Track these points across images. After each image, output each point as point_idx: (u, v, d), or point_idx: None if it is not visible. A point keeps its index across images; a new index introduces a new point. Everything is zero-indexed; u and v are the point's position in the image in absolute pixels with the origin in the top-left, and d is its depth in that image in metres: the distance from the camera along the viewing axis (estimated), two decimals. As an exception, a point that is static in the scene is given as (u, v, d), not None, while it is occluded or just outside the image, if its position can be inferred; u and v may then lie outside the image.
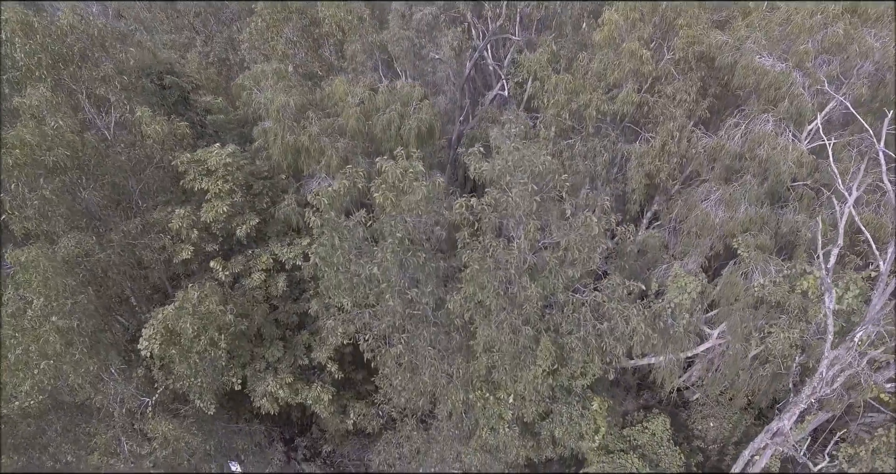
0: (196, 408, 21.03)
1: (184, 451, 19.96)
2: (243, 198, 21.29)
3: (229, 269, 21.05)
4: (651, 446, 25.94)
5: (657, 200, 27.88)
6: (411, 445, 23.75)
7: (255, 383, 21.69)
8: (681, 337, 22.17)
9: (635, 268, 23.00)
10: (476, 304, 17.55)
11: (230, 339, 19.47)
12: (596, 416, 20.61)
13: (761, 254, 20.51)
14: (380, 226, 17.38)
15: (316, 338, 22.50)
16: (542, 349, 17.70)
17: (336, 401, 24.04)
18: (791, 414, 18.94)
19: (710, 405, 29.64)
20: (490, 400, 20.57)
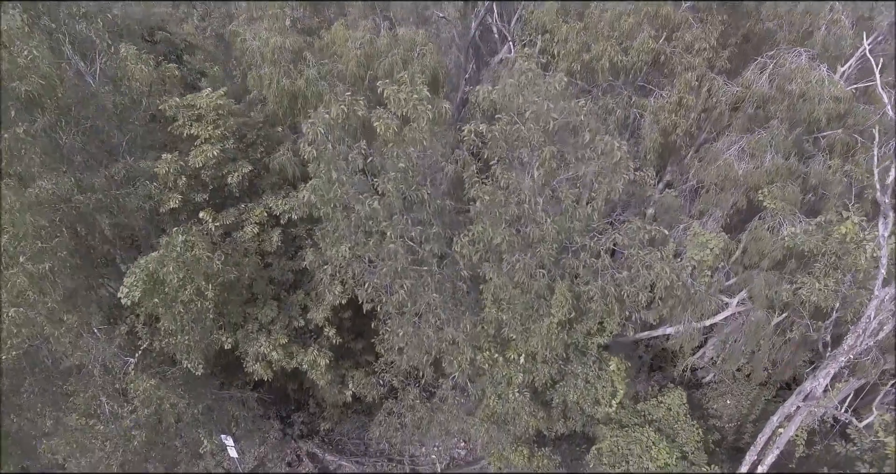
0: (184, 371, 19.22)
1: (169, 414, 18.08)
2: (236, 146, 19.55)
3: (220, 221, 19.26)
4: (667, 420, 24.04)
5: (669, 170, 26.13)
6: (414, 415, 21.85)
7: (246, 345, 19.83)
8: (702, 298, 20.31)
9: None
10: (485, 246, 15.73)
11: (219, 290, 17.65)
12: (613, 377, 18.74)
13: (789, 206, 18.73)
14: (381, 160, 15.61)
15: (312, 296, 20.67)
16: (558, 296, 15.88)
17: (334, 369, 22.20)
18: (827, 372, 17.06)
19: (727, 382, 27.75)
20: (499, 361, 18.72)
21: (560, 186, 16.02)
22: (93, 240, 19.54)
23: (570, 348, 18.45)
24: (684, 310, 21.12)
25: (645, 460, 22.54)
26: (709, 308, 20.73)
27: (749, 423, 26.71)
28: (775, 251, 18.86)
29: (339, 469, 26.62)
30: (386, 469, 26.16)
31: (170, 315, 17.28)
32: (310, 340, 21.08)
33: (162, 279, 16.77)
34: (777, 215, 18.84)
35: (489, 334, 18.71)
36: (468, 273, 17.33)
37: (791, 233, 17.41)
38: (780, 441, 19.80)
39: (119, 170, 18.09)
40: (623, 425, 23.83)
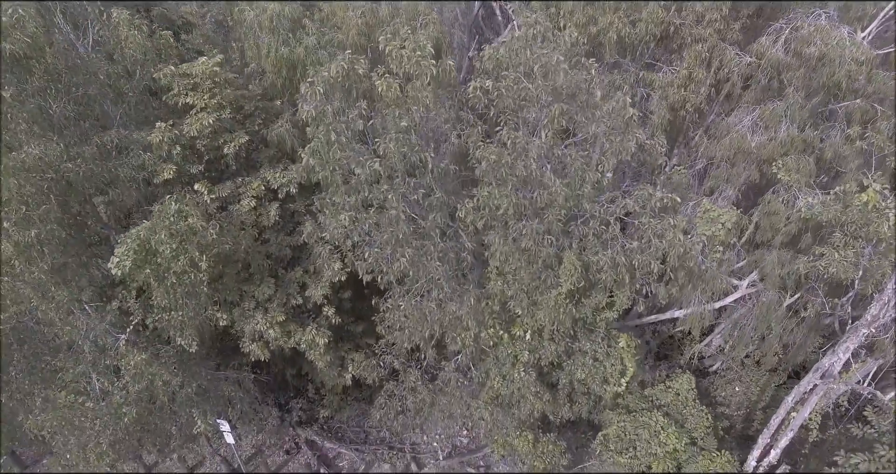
0: (178, 349, 18.40)
1: (161, 392, 17.24)
2: (232, 117, 18.78)
3: (216, 193, 18.46)
4: (675, 405, 23.17)
5: (677, 152, 25.34)
6: (415, 398, 21.00)
7: (242, 322, 19.00)
8: (713, 275, 19.49)
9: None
10: (490, 213, 14.92)
11: (213, 262, 16.85)
12: (623, 354, 17.91)
13: (805, 178, 17.93)
14: (382, 121, 14.81)
15: (311, 273, 19.86)
16: (566, 265, 15.06)
17: (333, 351, 21.36)
18: (846, 346, 16.21)
19: (735, 369, 26.88)
20: (504, 338, 17.89)
21: (569, 150, 15.19)
22: (85, 216, 18.74)
23: (578, 324, 17.64)
24: (694, 288, 20.32)
25: (653, 445, 21.69)
26: (720, 286, 19.90)
27: (759, 410, 25.84)
28: (790, 225, 18.06)
29: (339, 457, 25.76)
30: (387, 457, 25.30)
31: (162, 288, 16.46)
32: (308, 320, 20.25)
33: (154, 249, 15.97)
34: (792, 188, 18.04)
35: (494, 310, 17.90)
36: (472, 245, 16.53)
37: (807, 203, 16.59)
38: (795, 423, 18.97)
39: (111, 139, 17.26)
40: (630, 410, 22.99)
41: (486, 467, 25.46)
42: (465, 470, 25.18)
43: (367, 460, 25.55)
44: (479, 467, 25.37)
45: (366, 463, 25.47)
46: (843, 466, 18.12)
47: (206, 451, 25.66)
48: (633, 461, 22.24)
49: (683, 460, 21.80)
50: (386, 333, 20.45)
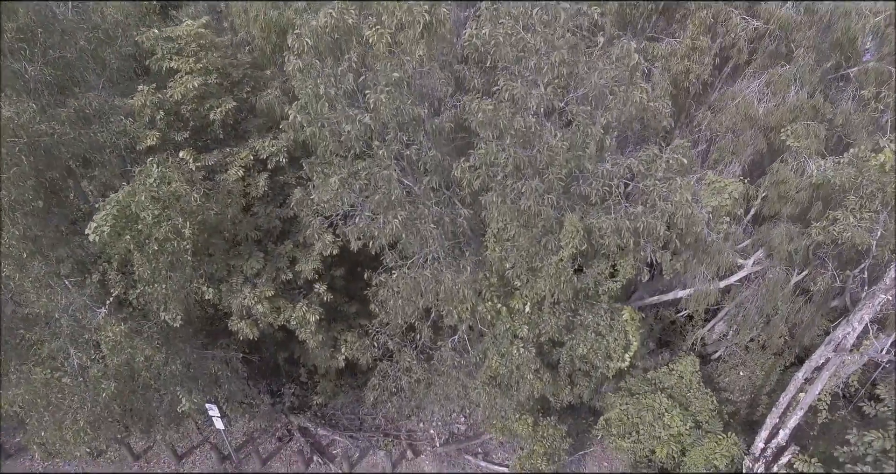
0: (161, 325, 17.40)
1: (143, 368, 16.22)
2: (219, 82, 17.84)
3: (202, 162, 17.49)
4: (679, 388, 22.20)
5: (678, 133, 24.43)
6: (410, 378, 20.00)
7: (230, 298, 18.01)
8: (720, 248, 18.56)
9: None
10: (488, 170, 13.95)
11: (198, 230, 15.87)
12: (627, 328, 16.93)
13: (815, 144, 17.02)
14: (374, 76, 13.85)
15: (301, 247, 18.90)
16: (567, 227, 14.10)
17: (325, 330, 20.37)
18: (861, 316, 15.26)
19: (740, 355, 25.86)
20: (502, 312, 16.91)
21: (570, 106, 14.25)
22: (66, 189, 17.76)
23: (580, 296, 16.66)
24: (700, 263, 19.39)
25: (657, 428, 20.72)
26: (726, 260, 18.95)
27: (764, 395, 24.86)
28: (800, 193, 17.12)
29: (333, 444, 24.71)
30: (382, 444, 24.26)
31: (144, 257, 15.48)
32: (299, 296, 19.26)
33: (135, 214, 15.00)
34: (801, 155, 17.13)
35: (491, 283, 16.92)
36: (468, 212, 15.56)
37: (819, 166, 15.66)
38: (805, 401, 18.00)
39: (89, 102, 16.26)
40: (633, 393, 22.05)
41: (485, 454, 24.43)
42: (463, 457, 24.15)
43: (361, 447, 24.52)
44: (477, 454, 24.34)
45: (360, 450, 24.44)
46: (857, 444, 17.17)
47: (197, 440, 24.64)
48: (636, 445, 21.27)
49: (688, 443, 20.81)
50: (379, 310, 19.47)
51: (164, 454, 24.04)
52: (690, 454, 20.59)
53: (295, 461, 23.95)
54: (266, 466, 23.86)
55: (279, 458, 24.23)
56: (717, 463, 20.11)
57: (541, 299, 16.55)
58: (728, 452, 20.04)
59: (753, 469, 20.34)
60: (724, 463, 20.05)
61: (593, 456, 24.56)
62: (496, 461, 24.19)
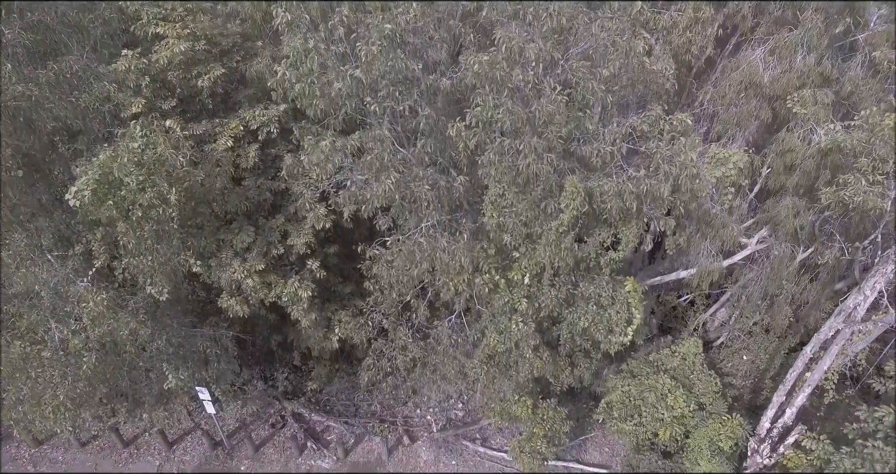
0: (148, 301, 16.65)
1: (128, 342, 15.42)
2: (207, 50, 17.11)
3: (190, 131, 16.74)
4: (682, 370, 21.46)
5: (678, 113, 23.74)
6: (405, 357, 19.21)
7: (219, 272, 17.25)
8: (724, 221, 17.85)
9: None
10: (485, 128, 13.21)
11: (185, 198, 15.12)
12: (630, 300, 16.17)
13: (823, 111, 16.31)
14: (365, 30, 13.12)
15: (293, 221, 18.16)
16: (568, 189, 13.36)
17: (318, 310, 19.61)
18: (874, 283, 14.50)
19: (742, 339, 25.08)
20: (501, 284, 16.15)
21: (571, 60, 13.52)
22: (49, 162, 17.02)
23: (581, 266, 15.91)
24: (703, 237, 18.68)
25: (660, 409, 19.98)
26: (730, 235, 18.23)
27: (768, 379, 24.10)
28: (806, 161, 16.41)
29: (327, 431, 23.89)
30: (378, 430, 23.45)
31: (128, 225, 14.72)
32: (291, 273, 18.50)
33: (118, 180, 14.24)
34: (808, 122, 16.43)
35: (489, 254, 16.17)
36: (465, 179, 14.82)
37: (828, 130, 14.95)
38: (813, 377, 17.25)
39: (69, 66, 15.47)
40: (635, 375, 21.33)
41: (483, 439, 23.63)
42: (461, 443, 23.34)
43: (356, 433, 23.71)
44: (475, 439, 23.54)
45: (355, 436, 23.64)
46: (866, 421, 16.43)
47: (188, 426, 23.83)
48: (639, 428, 20.55)
49: (691, 426, 20.06)
50: (373, 287, 18.75)
51: (154, 441, 23.22)
52: (694, 436, 19.85)
53: (288, 447, 23.14)
54: (259, 453, 23.05)
55: (272, 444, 23.41)
56: (721, 445, 19.35)
57: (540, 270, 15.81)
58: (733, 433, 19.30)
59: (759, 450, 19.58)
60: (728, 444, 19.29)
61: (594, 441, 23.77)
62: (495, 447, 23.39)
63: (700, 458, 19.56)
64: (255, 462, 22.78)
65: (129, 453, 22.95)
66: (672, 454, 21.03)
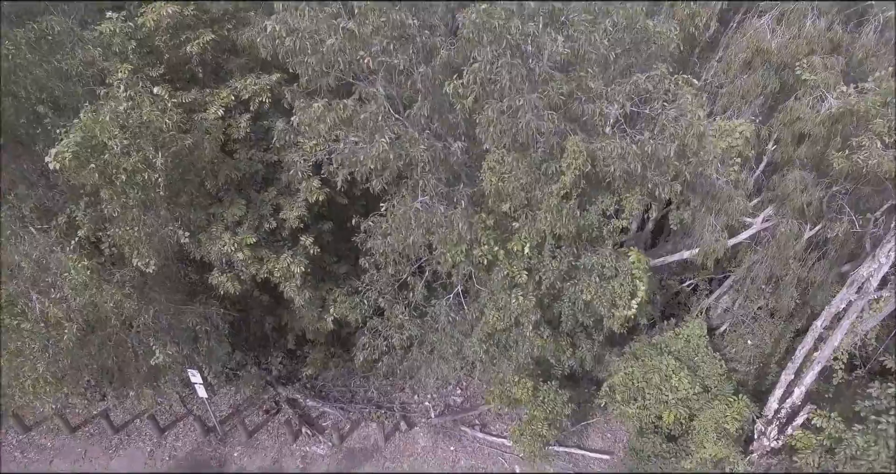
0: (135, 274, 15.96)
1: (112, 314, 14.70)
2: (196, 15, 16.44)
3: (179, 99, 16.05)
4: (686, 352, 20.72)
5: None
6: (402, 335, 18.48)
7: (209, 245, 16.55)
8: (731, 194, 17.15)
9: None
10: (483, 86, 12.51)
11: (172, 164, 14.43)
12: (634, 271, 15.45)
13: (833, 77, 15.65)
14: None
15: (286, 194, 17.49)
16: (570, 148, 12.67)
17: (312, 288, 18.91)
18: (888, 250, 13.78)
19: (747, 323, 24.31)
20: (500, 255, 15.43)
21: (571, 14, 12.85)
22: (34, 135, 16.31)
23: (584, 236, 15.20)
24: (709, 211, 17.97)
25: (664, 391, 19.22)
26: (736, 208, 17.52)
27: (773, 364, 23.33)
28: (816, 128, 15.71)
29: (323, 417, 23.14)
30: (374, 416, 22.70)
31: (112, 191, 14.05)
32: (283, 249, 17.79)
33: (102, 143, 13.56)
34: (818, 88, 15.76)
35: (488, 226, 15.45)
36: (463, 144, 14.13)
37: (841, 93, 14.26)
38: (823, 353, 16.52)
39: (51, 27, 14.79)
40: (638, 357, 20.59)
41: (482, 425, 22.88)
42: (460, 429, 22.59)
43: (352, 419, 22.95)
44: (474, 425, 22.79)
45: (351, 422, 22.88)
46: (880, 398, 15.71)
47: (180, 412, 23.09)
48: (642, 411, 19.79)
49: (696, 408, 19.31)
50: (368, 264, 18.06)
51: (145, 427, 22.47)
52: (699, 418, 19.08)
53: (282, 433, 22.37)
54: (252, 439, 22.29)
55: (266, 431, 22.65)
56: (727, 427, 18.58)
57: (541, 240, 15.11)
58: (739, 415, 18.54)
59: (766, 432, 18.83)
60: (735, 426, 18.51)
61: (596, 427, 23.02)
62: (494, 433, 22.63)
63: (706, 441, 18.79)
64: (249, 448, 22.02)
65: (119, 439, 22.18)
66: (676, 437, 20.29)
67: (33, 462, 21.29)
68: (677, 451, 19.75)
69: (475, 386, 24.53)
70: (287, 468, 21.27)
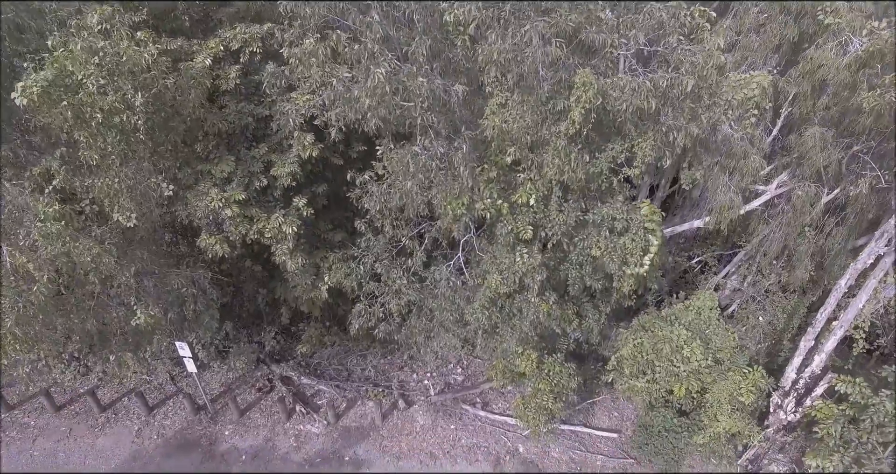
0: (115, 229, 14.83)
1: (89, 268, 13.55)
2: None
3: (164, 45, 14.94)
4: (697, 325, 19.50)
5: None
6: (399, 301, 17.31)
7: (196, 201, 15.42)
8: (746, 150, 16.03)
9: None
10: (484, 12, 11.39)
11: (152, 108, 13.30)
12: (647, 224, 14.28)
13: (860, 18, 14.54)
14: None
15: (277, 150, 16.37)
16: (580, 80, 11.54)
17: (307, 253, 17.79)
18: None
19: (758, 300, 23.14)
20: (504, 209, 14.27)
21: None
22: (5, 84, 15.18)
23: (592, 186, 14.05)
24: (723, 170, 16.84)
25: (676, 362, 18.01)
26: (752, 166, 16.39)
27: (786, 341, 22.14)
28: (840, 74, 14.58)
29: (318, 395, 21.96)
30: (371, 394, 21.53)
31: (88, 133, 12.92)
32: (275, 209, 16.66)
33: (76, 82, 12.45)
34: (843, 32, 14.65)
35: (490, 178, 14.31)
36: (464, 87, 12.99)
37: (872, 29, 13.13)
38: (847, 316, 15.32)
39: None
40: (645, 328, 19.40)
41: (484, 404, 21.68)
42: (461, 407, 21.39)
43: (348, 397, 21.76)
44: (475, 403, 21.59)
45: (347, 400, 21.68)
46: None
47: (170, 391, 21.92)
48: (652, 385, 18.59)
49: (709, 381, 18.11)
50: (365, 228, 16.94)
51: (133, 405, 21.28)
52: (713, 390, 17.88)
53: (276, 411, 21.17)
54: (244, 417, 21.09)
55: (259, 409, 21.44)
56: (742, 399, 17.37)
57: (548, 191, 13.97)
58: (755, 387, 17.32)
59: (783, 405, 17.64)
60: (750, 398, 17.29)
61: (603, 405, 21.82)
62: (497, 411, 21.43)
63: (720, 414, 17.60)
64: (240, 426, 20.81)
65: (106, 417, 20.99)
66: (688, 412, 19.10)
67: (14, 441, 20.10)
68: (689, 426, 18.53)
69: (476, 365, 23.37)
70: (280, 447, 20.06)
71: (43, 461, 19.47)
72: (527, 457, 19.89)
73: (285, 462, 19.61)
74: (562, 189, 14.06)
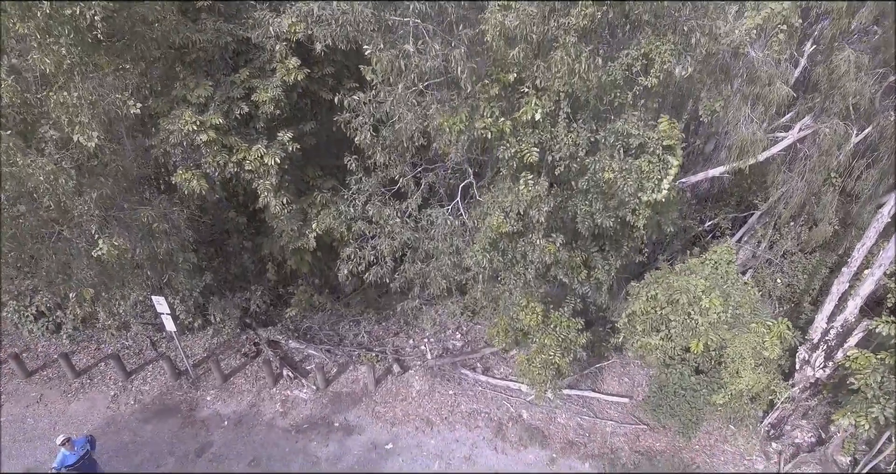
0: (77, 157, 13.19)
1: (44, 191, 11.91)
2: None
3: (131, -47, 13.37)
4: (714, 279, 17.77)
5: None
6: (393, 241, 15.60)
7: (169, 125, 13.80)
8: (771, 75, 14.41)
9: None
10: None
11: (113, 4, 11.70)
12: (665, 142, 12.60)
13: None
14: None
15: (259, 75, 14.77)
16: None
17: (293, 193, 16.18)
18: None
19: (776, 263, 21.44)
20: (507, 129, 12.61)
21: None
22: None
23: (605, 99, 12.40)
24: (745, 100, 15.23)
25: (694, 314, 16.25)
26: (777, 96, 14.78)
27: (806, 303, 20.47)
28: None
29: (307, 360, 20.24)
30: (364, 359, 19.80)
31: (36, 27, 11.31)
32: (258, 141, 15.04)
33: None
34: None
35: (491, 96, 12.67)
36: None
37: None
38: (886, 254, 13.62)
39: None
40: (660, 281, 17.68)
41: (485, 369, 19.94)
42: (459, 372, 19.66)
43: (339, 362, 20.04)
44: (475, 368, 19.86)
45: (338, 365, 19.97)
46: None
47: (150, 356, 20.20)
48: (667, 343, 16.83)
49: (729, 337, 16.37)
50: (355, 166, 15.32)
51: (110, 370, 19.59)
52: (734, 344, 16.14)
53: (262, 376, 19.43)
54: (228, 382, 19.37)
55: (243, 374, 19.72)
56: (766, 354, 15.62)
57: (555, 103, 12.33)
58: (780, 339, 15.56)
59: (811, 360, 15.91)
60: (775, 352, 15.53)
61: (612, 370, 20.08)
62: (498, 376, 19.69)
63: (742, 369, 15.85)
64: (223, 392, 19.09)
65: (80, 383, 19.28)
66: (706, 371, 17.36)
67: (-23, 406, 18.40)
68: (709, 383, 16.79)
69: (476, 332, 21.65)
70: (265, 412, 18.33)
71: (9, 427, 17.75)
72: (531, 424, 18.13)
73: (270, 428, 17.86)
74: (570, 105, 12.41)
